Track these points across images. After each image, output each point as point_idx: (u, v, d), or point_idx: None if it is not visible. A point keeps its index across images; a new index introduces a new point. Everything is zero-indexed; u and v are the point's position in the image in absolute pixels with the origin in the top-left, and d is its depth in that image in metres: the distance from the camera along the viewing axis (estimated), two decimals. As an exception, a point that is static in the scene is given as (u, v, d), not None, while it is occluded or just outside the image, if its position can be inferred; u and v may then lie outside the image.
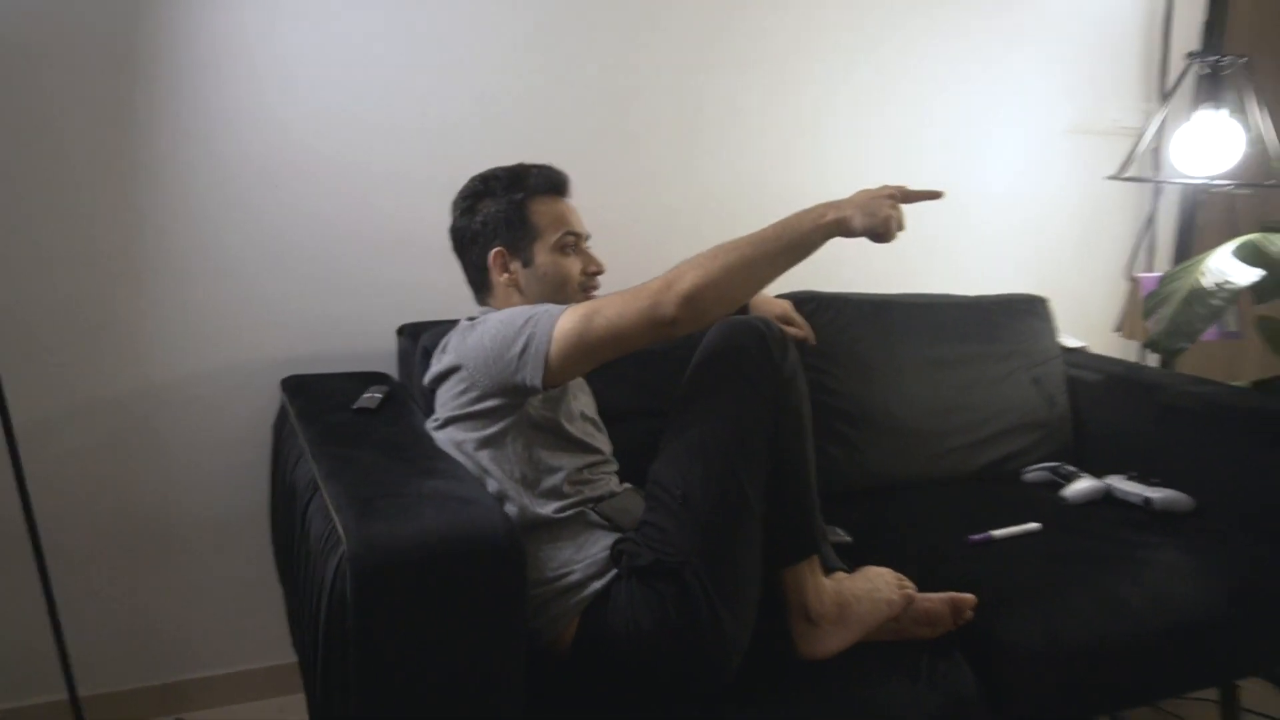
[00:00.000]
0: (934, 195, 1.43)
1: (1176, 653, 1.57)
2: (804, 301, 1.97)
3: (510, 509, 1.32)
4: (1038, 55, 2.47)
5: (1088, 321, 2.49)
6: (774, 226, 1.33)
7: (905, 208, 1.39)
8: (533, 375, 1.29)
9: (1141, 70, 2.57)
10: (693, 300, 1.25)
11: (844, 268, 2.19)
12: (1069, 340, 2.32)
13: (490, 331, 1.35)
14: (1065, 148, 2.53)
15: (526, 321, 1.32)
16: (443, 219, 1.59)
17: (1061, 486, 1.95)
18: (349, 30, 1.87)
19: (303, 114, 1.86)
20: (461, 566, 1.12)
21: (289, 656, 1.97)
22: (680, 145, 2.15)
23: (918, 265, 2.38)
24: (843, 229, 1.34)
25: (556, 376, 1.31)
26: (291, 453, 1.54)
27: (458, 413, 1.38)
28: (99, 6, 1.69)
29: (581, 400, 1.53)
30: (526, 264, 1.49)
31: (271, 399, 1.86)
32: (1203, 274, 1.87)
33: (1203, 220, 2.60)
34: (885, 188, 1.39)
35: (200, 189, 1.81)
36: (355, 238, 1.93)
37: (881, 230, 1.35)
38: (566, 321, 1.29)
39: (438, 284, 1.84)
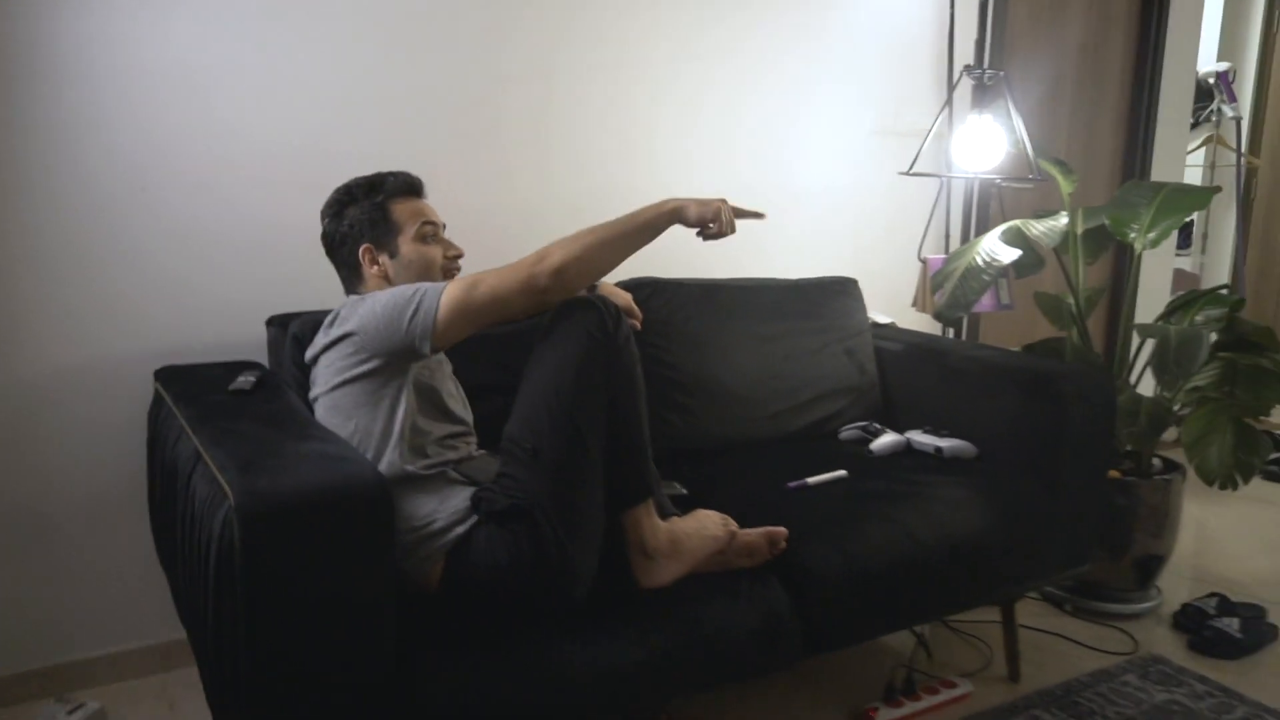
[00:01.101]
0: (758, 215, 1.73)
1: (956, 572, 1.87)
2: (643, 286, 2.21)
3: (381, 465, 1.49)
4: (846, 66, 2.79)
5: (897, 299, 2.82)
6: (626, 215, 1.59)
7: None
8: (422, 337, 1.48)
9: (934, 80, 2.92)
10: (561, 273, 1.49)
11: (678, 259, 2.46)
12: (878, 316, 2.64)
13: (383, 300, 1.52)
14: (871, 146, 2.86)
15: (416, 292, 1.51)
16: (305, 219, 1.75)
17: (870, 441, 2.25)
18: (216, 38, 1.98)
19: (170, 120, 1.97)
20: (336, 513, 1.28)
21: (167, 635, 2.08)
22: (529, 144, 2.35)
23: (744, 253, 2.66)
24: (680, 216, 1.62)
25: (442, 340, 1.50)
26: (170, 435, 1.66)
27: (345, 375, 1.54)
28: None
29: (446, 369, 1.72)
30: (393, 255, 1.67)
31: (144, 391, 1.95)
32: (977, 254, 2.20)
33: (987, 209, 2.98)
34: (719, 199, 1.66)
35: (68, 190, 1.90)
36: (222, 236, 2.05)
37: (712, 218, 1.62)
38: (453, 290, 1.49)
39: (301, 279, 2.01)
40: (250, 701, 1.27)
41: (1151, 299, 3.34)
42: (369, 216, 1.67)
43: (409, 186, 1.72)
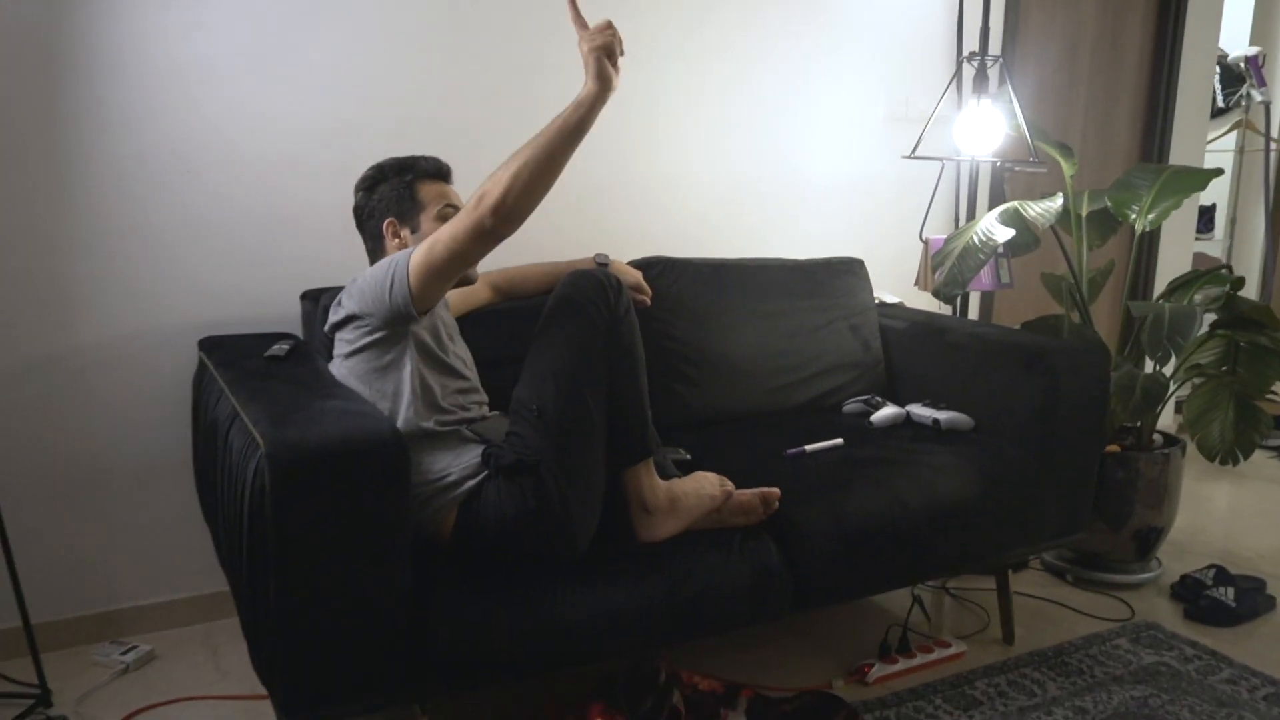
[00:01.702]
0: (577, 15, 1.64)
1: (941, 534, 1.97)
2: (653, 264, 2.33)
3: (398, 422, 1.63)
4: (856, 53, 2.89)
5: (905, 280, 2.91)
6: (546, 127, 1.57)
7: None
8: (405, 304, 1.60)
9: (945, 67, 3.00)
10: (500, 207, 1.53)
11: (689, 239, 2.59)
12: (886, 296, 2.73)
13: (367, 278, 1.67)
14: (881, 132, 2.95)
15: (390, 264, 1.63)
16: (336, 200, 1.89)
17: (871, 414, 2.35)
18: (258, 35, 2.14)
19: (217, 108, 2.13)
20: (357, 462, 1.42)
21: (211, 587, 2.25)
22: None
23: (755, 235, 2.77)
24: (591, 96, 1.56)
25: (423, 300, 1.62)
26: (211, 396, 1.82)
27: (354, 346, 1.68)
28: (26, 12, 1.93)
29: (459, 344, 1.85)
30: (414, 231, 1.80)
31: (190, 359, 2.13)
32: (974, 234, 2.29)
33: (1000, 192, 3.06)
34: (594, 29, 1.59)
35: (126, 174, 2.07)
36: (261, 217, 2.21)
37: (604, 71, 1.56)
38: (417, 256, 1.60)
39: (333, 257, 2.16)
40: (280, 631, 1.41)
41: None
42: (397, 193, 1.81)
43: (437, 170, 1.85)
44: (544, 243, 2.39)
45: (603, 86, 1.56)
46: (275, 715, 1.48)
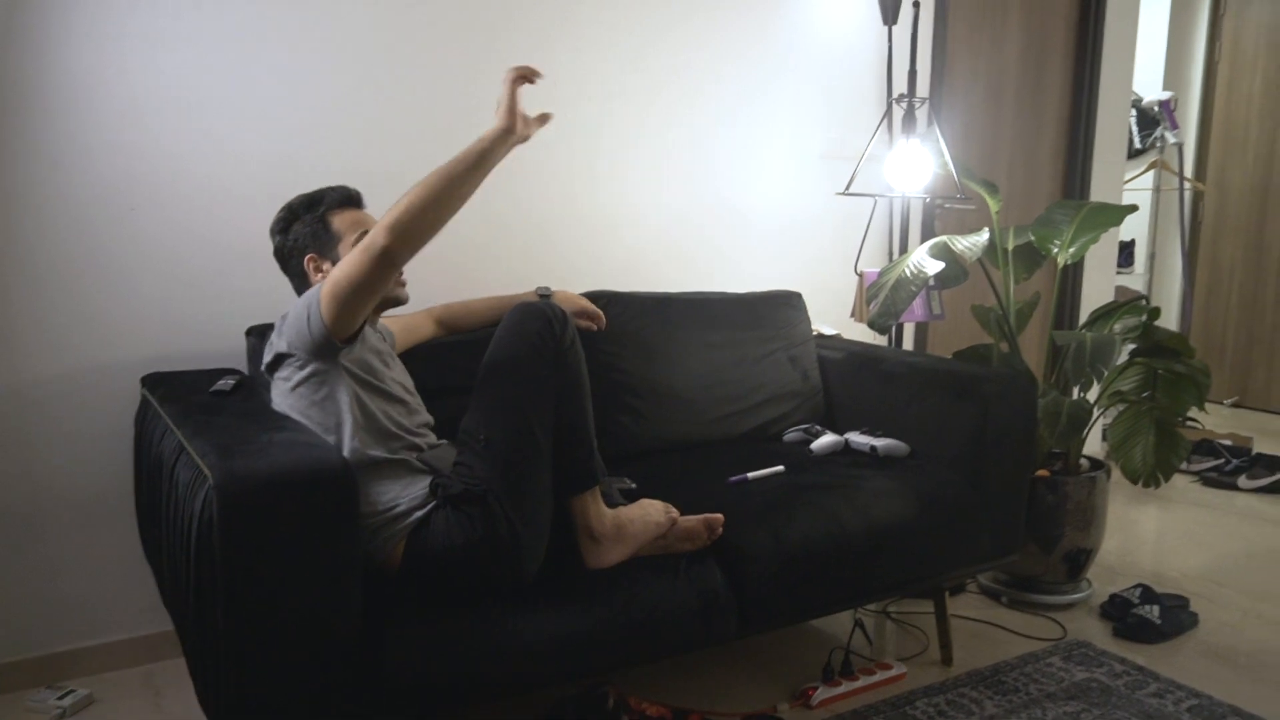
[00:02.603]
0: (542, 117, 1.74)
1: (879, 555, 2.04)
2: (598, 297, 2.37)
3: (345, 453, 1.64)
4: (797, 96, 2.99)
5: (842, 311, 3.00)
6: (452, 157, 1.61)
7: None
8: (321, 333, 1.62)
9: (877, 106, 3.12)
10: (394, 228, 1.54)
11: (633, 273, 2.65)
12: (824, 328, 2.82)
13: (290, 316, 1.69)
14: (817, 169, 3.06)
15: (305, 301, 1.65)
16: (279, 233, 1.90)
17: (810, 442, 2.41)
18: (190, 70, 2.15)
19: (155, 143, 2.13)
20: (305, 491, 1.43)
21: (152, 627, 2.22)
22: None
23: (697, 269, 2.85)
24: (495, 134, 1.63)
25: (340, 330, 1.62)
26: (156, 432, 1.82)
27: (293, 380, 1.69)
28: (-34, 53, 1.94)
29: (395, 369, 1.86)
30: (335, 262, 1.80)
31: (131, 396, 2.11)
32: (905, 267, 2.38)
33: (930, 228, 3.18)
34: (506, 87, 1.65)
35: (62, 209, 2.06)
36: (204, 251, 2.21)
37: (508, 122, 1.64)
38: (325, 289, 1.61)
39: (277, 291, 2.15)
40: (230, 664, 1.41)
41: (1091, 313, 3.53)
42: (311, 229, 1.83)
43: (347, 198, 1.87)
44: (487, 278, 2.43)
45: (501, 122, 1.63)
46: (222, 751, 1.47)
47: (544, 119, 1.74)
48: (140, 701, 2.09)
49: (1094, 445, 3.62)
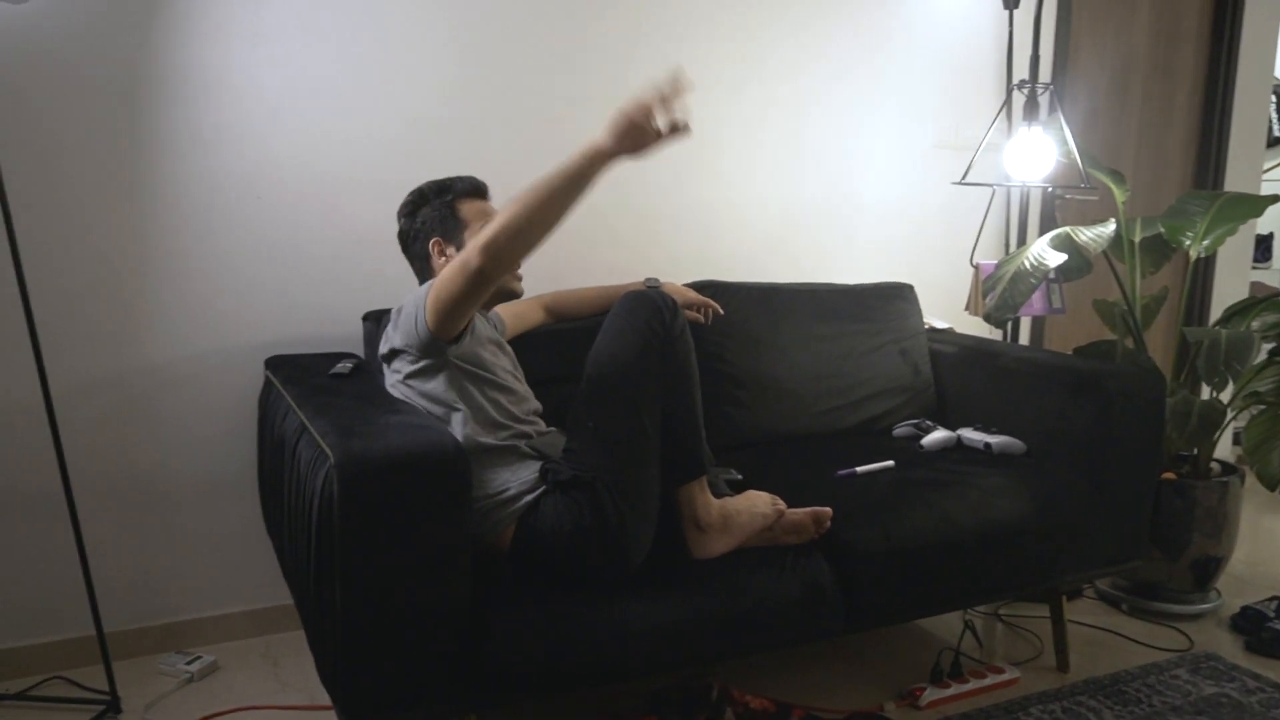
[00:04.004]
0: (685, 129, 1.53)
1: (993, 555, 1.97)
2: (705, 288, 2.36)
3: (458, 437, 1.67)
4: (908, 84, 2.91)
5: (955, 305, 2.91)
6: (551, 171, 1.52)
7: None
8: (428, 335, 1.66)
9: (996, 95, 3.02)
10: (489, 247, 1.53)
11: (741, 263, 2.62)
12: (937, 322, 2.74)
13: (402, 314, 1.73)
14: (931, 159, 2.97)
15: (414, 304, 1.69)
16: (394, 220, 1.95)
17: (921, 437, 2.35)
18: (313, 64, 2.22)
19: (280, 134, 2.21)
20: (419, 472, 1.46)
21: (270, 600, 2.31)
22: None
23: (806, 261, 2.80)
24: (601, 154, 1.51)
25: (445, 332, 1.66)
26: (278, 413, 1.88)
27: (406, 372, 1.74)
28: (102, 50, 2.04)
29: (505, 358, 1.88)
30: (459, 248, 1.84)
31: (255, 377, 2.20)
32: (1025, 259, 2.29)
33: (1051, 220, 3.06)
34: (639, 102, 1.49)
35: (195, 198, 2.16)
36: (324, 239, 2.28)
37: (638, 148, 1.51)
38: (429, 296, 1.65)
39: (393, 276, 2.21)
40: (344, 640, 1.45)
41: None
42: (439, 214, 1.86)
43: (475, 189, 1.91)
44: (593, 268, 2.44)
45: (611, 143, 1.50)
46: (337, 722, 1.52)
47: (679, 130, 1.53)
48: (260, 670, 2.17)
49: (1225, 449, 3.44)
